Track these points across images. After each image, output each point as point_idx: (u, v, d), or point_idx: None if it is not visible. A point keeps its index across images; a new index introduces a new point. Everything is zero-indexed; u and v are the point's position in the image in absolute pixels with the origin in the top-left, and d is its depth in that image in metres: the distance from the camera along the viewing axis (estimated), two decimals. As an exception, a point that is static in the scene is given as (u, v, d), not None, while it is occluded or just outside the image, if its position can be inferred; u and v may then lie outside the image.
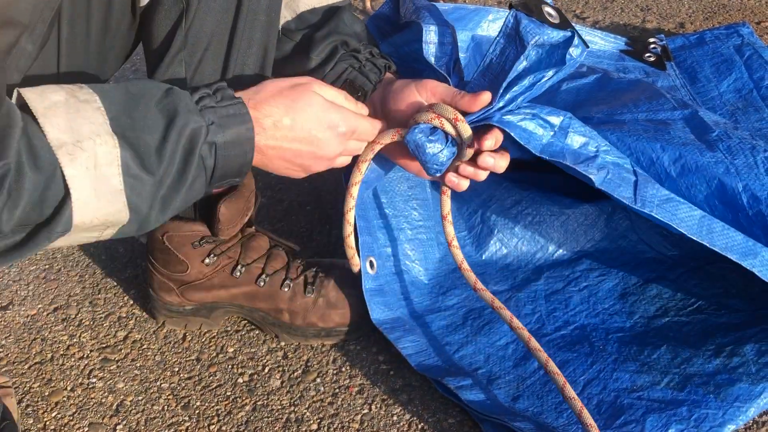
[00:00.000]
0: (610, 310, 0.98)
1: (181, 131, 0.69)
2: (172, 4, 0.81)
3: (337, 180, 1.19)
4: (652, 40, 1.48)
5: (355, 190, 0.88)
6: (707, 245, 0.85)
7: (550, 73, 0.82)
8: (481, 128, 0.84)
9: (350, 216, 0.90)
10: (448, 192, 0.92)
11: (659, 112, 1.09)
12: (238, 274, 0.99)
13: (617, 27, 1.70)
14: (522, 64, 0.82)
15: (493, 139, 0.84)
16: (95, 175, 0.64)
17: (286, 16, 0.96)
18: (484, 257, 1.10)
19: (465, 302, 1.02)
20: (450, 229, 0.92)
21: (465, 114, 0.83)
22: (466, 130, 0.83)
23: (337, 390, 0.96)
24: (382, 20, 1.21)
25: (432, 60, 0.90)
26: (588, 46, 0.84)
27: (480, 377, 0.90)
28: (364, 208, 1.04)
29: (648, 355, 0.89)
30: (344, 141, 0.82)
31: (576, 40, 0.80)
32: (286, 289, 0.99)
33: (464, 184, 0.88)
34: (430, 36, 0.90)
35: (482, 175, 0.87)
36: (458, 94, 0.84)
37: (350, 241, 0.91)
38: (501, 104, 0.83)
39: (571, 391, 0.79)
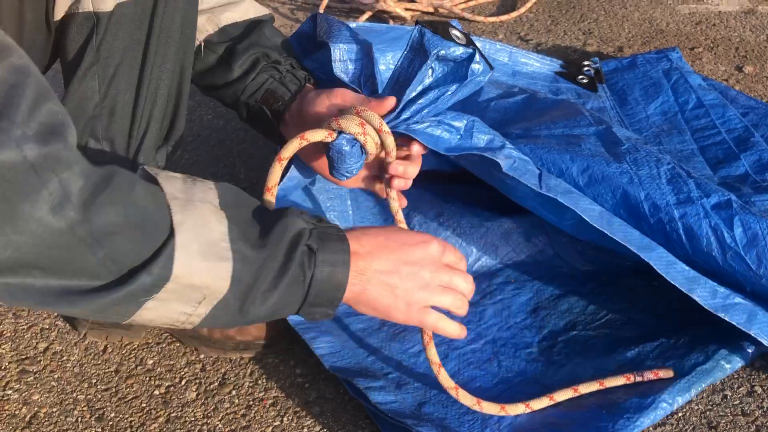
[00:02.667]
0: (521, 324, 1.00)
1: (287, 227, 0.69)
2: (83, 19, 0.83)
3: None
4: (586, 63, 1.52)
5: (275, 191, 0.86)
6: (608, 233, 0.89)
7: (453, 87, 0.86)
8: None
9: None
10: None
11: (575, 128, 1.12)
12: (157, 286, 1.00)
13: (559, 49, 1.75)
14: (427, 77, 0.86)
15: (401, 150, 0.88)
16: (203, 233, 0.64)
17: (208, 29, 1.00)
18: None
19: None
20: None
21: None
22: (389, 140, 0.86)
23: (251, 402, 0.97)
24: (305, 38, 1.24)
25: (342, 76, 0.94)
26: (492, 68, 0.87)
27: (390, 380, 0.91)
28: None
29: (551, 376, 0.91)
30: (439, 258, 0.80)
31: (477, 57, 0.85)
32: (204, 302, 1.00)
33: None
34: (338, 54, 0.94)
35: (398, 184, 0.90)
36: (366, 99, 0.89)
37: None
38: (407, 115, 0.87)
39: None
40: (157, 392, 0.99)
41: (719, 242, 0.91)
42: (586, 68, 1.50)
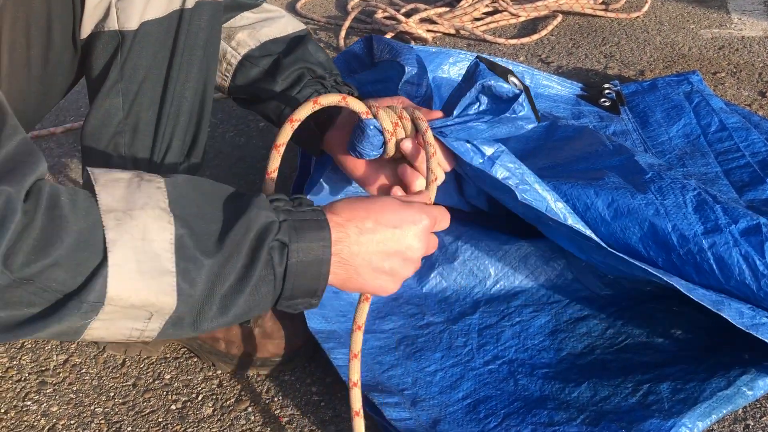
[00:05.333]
0: (539, 346, 0.99)
1: (250, 224, 0.64)
2: (109, 37, 0.85)
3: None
4: (606, 85, 1.52)
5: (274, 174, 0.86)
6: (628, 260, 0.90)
7: (488, 117, 0.87)
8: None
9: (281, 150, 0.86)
10: None
11: (597, 162, 1.13)
12: (176, 301, 1.01)
13: (580, 72, 1.75)
14: (472, 106, 0.87)
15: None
16: (142, 247, 0.59)
17: (250, 44, 1.01)
18: (424, 290, 1.11)
19: (401, 329, 1.04)
20: None
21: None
22: (430, 148, 0.85)
23: (267, 419, 0.96)
24: (352, 57, 1.25)
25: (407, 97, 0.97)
26: (539, 119, 0.88)
27: (405, 397, 0.91)
28: None
29: (569, 393, 0.90)
30: (427, 234, 0.77)
31: (522, 98, 0.84)
32: (222, 318, 1.01)
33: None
34: (407, 75, 0.97)
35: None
36: (417, 107, 0.90)
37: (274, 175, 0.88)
38: (438, 125, 0.89)
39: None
40: (174, 407, 0.99)
41: (752, 270, 0.90)
42: (607, 91, 1.50)
